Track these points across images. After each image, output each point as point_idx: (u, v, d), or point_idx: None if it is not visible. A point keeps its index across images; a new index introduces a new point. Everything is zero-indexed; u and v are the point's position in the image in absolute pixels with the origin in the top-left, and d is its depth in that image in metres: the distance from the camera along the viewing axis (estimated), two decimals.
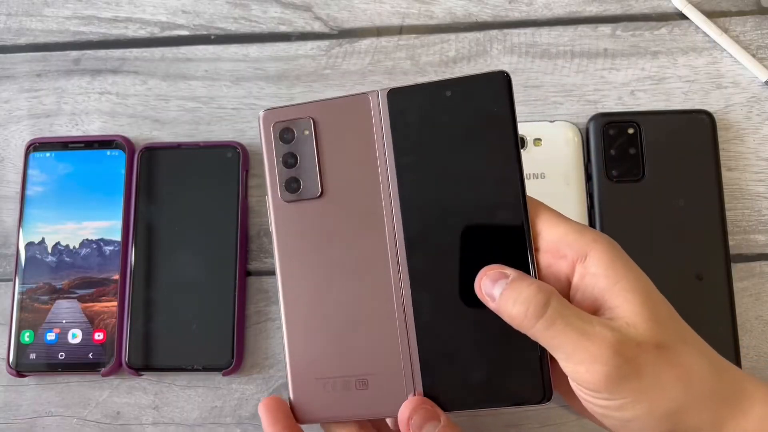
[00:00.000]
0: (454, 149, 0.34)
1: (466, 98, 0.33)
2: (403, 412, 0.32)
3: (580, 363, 0.28)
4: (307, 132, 0.36)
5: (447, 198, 0.33)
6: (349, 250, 0.35)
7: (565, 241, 0.31)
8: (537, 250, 0.32)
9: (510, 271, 0.30)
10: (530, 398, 0.32)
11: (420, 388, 0.33)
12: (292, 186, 0.35)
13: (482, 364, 0.33)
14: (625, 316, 0.29)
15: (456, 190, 0.33)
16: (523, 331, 0.30)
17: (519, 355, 0.32)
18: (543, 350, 0.31)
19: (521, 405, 0.32)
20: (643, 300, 0.29)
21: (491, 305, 0.31)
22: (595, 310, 0.30)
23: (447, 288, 0.33)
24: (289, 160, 0.36)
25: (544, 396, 0.32)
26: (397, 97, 0.35)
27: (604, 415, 0.29)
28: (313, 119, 0.36)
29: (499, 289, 0.30)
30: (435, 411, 0.32)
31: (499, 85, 0.33)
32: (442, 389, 0.33)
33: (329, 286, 0.35)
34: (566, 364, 0.29)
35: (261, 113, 0.36)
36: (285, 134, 0.36)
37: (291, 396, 0.35)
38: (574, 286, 0.31)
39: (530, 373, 0.32)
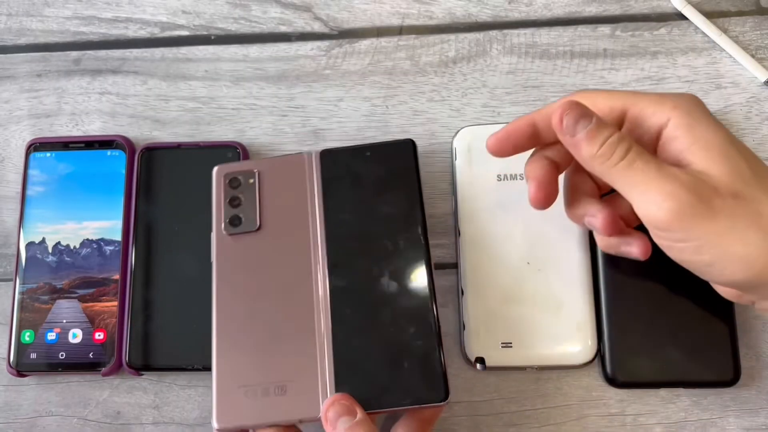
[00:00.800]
0: (370, 195, 0.42)
1: (381, 158, 0.42)
2: (323, 407, 0.35)
3: (652, 202, 0.29)
4: (251, 181, 0.43)
5: (363, 232, 0.41)
6: (279, 274, 0.41)
7: (647, 113, 0.32)
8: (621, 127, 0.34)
9: (593, 113, 0.32)
10: (432, 398, 0.36)
11: (333, 392, 0.37)
12: (234, 222, 0.42)
13: (388, 370, 0.37)
14: (702, 168, 0.30)
15: (370, 227, 0.41)
16: (597, 170, 0.31)
17: (421, 361, 0.37)
18: (441, 354, 0.37)
19: (424, 404, 0.36)
20: (720, 155, 0.30)
21: (567, 140, 0.32)
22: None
23: (361, 305, 0.39)
24: (234, 201, 0.43)
25: (445, 396, 0.36)
26: (327, 155, 0.43)
27: (686, 261, 0.30)
28: (258, 171, 0.43)
29: (582, 128, 0.31)
30: (352, 407, 0.35)
31: (407, 149, 0.42)
32: (353, 393, 0.37)
33: (258, 305, 0.40)
34: (640, 204, 0.29)
35: (215, 168, 0.44)
36: (233, 183, 0.43)
37: (214, 402, 0.38)
38: (658, 152, 0.32)
39: (432, 377, 0.37)
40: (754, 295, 0.32)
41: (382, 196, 0.41)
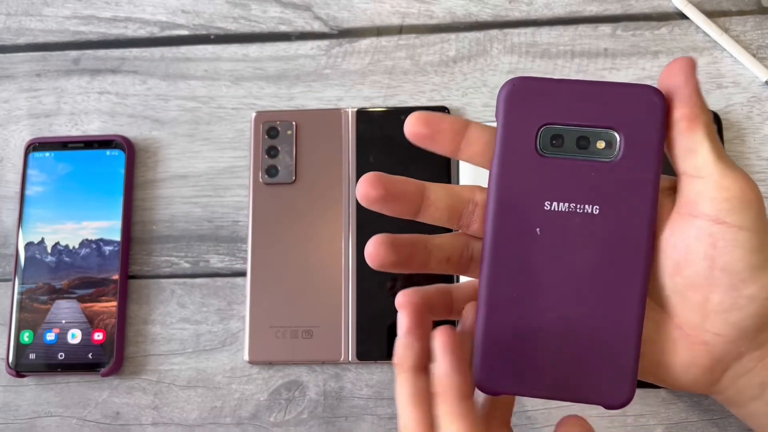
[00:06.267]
0: (402, 156, 0.44)
1: None
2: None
3: (740, 174, 0.27)
4: (289, 132, 0.46)
5: None
6: (310, 227, 0.45)
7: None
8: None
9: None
10: None
11: (354, 342, 0.43)
12: (271, 172, 0.46)
13: None
14: None
15: None
16: (701, 119, 0.27)
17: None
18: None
19: None
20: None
21: (685, 121, 0.28)
22: None
23: None
24: (272, 152, 0.46)
25: None
26: (363, 114, 0.46)
27: (735, 259, 0.27)
28: (296, 123, 0.46)
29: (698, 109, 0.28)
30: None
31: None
32: (371, 345, 0.43)
33: (290, 254, 0.45)
34: (725, 172, 0.27)
35: (253, 114, 0.47)
36: (271, 132, 0.47)
37: (247, 338, 0.44)
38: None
39: None
40: (754, 335, 0.29)
41: (414, 159, 0.42)
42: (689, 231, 0.27)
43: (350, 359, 0.44)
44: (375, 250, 0.29)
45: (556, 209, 0.29)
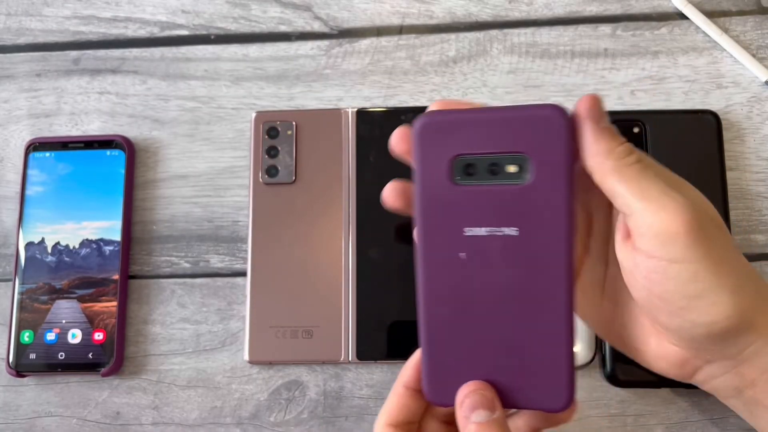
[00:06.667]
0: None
1: None
2: (460, 393, 0.30)
3: (663, 209, 0.27)
4: (289, 132, 0.46)
5: None
6: (310, 227, 0.45)
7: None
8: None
9: (607, 118, 0.29)
10: None
11: (354, 342, 0.43)
12: (271, 172, 0.46)
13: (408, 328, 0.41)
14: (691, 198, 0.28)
15: None
16: (608, 164, 0.28)
17: None
18: None
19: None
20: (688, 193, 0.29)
21: (588, 127, 0.28)
22: None
23: (385, 264, 0.43)
24: (272, 152, 0.46)
25: None
26: (363, 115, 0.46)
27: (670, 291, 0.27)
28: (296, 123, 0.46)
29: (605, 123, 0.28)
30: (493, 401, 0.29)
31: None
32: (371, 345, 0.43)
33: (290, 254, 0.45)
34: (648, 210, 0.27)
35: (253, 114, 0.46)
36: (271, 132, 0.46)
37: (247, 338, 0.44)
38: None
39: None
40: (714, 349, 0.29)
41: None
42: (631, 259, 0.28)
43: (350, 359, 0.44)
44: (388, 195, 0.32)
45: (477, 234, 0.30)
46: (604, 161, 0.28)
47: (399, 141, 0.30)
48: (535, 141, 0.30)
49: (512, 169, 0.30)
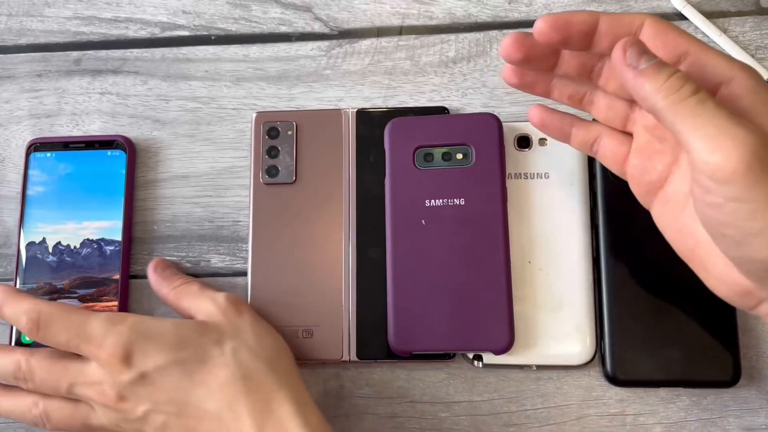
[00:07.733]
0: None
1: None
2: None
3: (720, 147, 0.25)
4: (290, 132, 0.46)
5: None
6: (311, 227, 0.45)
7: (712, 64, 0.30)
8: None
9: (656, 56, 0.28)
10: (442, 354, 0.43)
11: (354, 342, 0.44)
12: (271, 172, 0.46)
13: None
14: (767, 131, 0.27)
15: None
16: (660, 104, 0.27)
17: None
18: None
19: (432, 360, 0.44)
20: None
21: (628, 74, 0.28)
22: None
23: (385, 264, 0.43)
24: (272, 152, 0.46)
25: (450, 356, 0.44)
26: (363, 114, 0.47)
27: (728, 226, 0.27)
28: (296, 123, 0.46)
29: (645, 63, 0.28)
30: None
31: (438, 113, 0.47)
32: (371, 344, 0.44)
33: (290, 254, 0.45)
34: (703, 148, 0.26)
35: (253, 115, 0.47)
36: (272, 132, 0.46)
37: None
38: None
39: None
40: None
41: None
42: (693, 187, 0.28)
43: (350, 359, 0.44)
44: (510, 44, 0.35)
45: (434, 204, 0.42)
46: (654, 103, 0.27)
47: (549, 29, 0.32)
48: (477, 136, 0.43)
49: (459, 156, 0.43)
